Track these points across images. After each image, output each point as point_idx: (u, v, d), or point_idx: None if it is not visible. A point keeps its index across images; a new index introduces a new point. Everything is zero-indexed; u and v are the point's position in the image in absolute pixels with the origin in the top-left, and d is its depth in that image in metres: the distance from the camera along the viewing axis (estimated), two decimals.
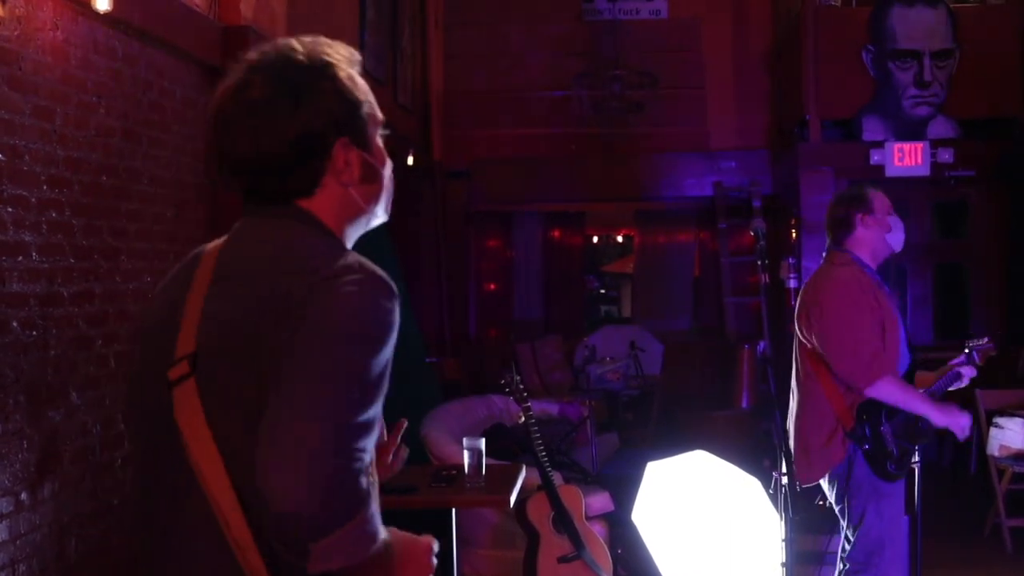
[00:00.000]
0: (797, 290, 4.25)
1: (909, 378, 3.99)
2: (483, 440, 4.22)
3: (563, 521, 4.87)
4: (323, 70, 1.69)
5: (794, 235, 9.82)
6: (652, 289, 12.19)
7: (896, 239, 4.11)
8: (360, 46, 8.07)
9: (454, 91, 11.11)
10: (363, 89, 1.75)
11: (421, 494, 4.12)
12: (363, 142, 1.73)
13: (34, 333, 3.78)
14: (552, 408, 7.13)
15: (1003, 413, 6.64)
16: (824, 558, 4.49)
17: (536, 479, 4.88)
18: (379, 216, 1.83)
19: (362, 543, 1.53)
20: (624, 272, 14.63)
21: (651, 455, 5.52)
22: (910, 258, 10.23)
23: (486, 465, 4.21)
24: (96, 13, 4.14)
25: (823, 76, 9.40)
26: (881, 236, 4.06)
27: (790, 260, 9.71)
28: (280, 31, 6.00)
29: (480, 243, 11.87)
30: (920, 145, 9.19)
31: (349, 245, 1.78)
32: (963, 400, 6.23)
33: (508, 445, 5.82)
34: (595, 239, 14.48)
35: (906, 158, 9.12)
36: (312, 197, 1.71)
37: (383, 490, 1.78)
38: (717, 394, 9.74)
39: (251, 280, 1.65)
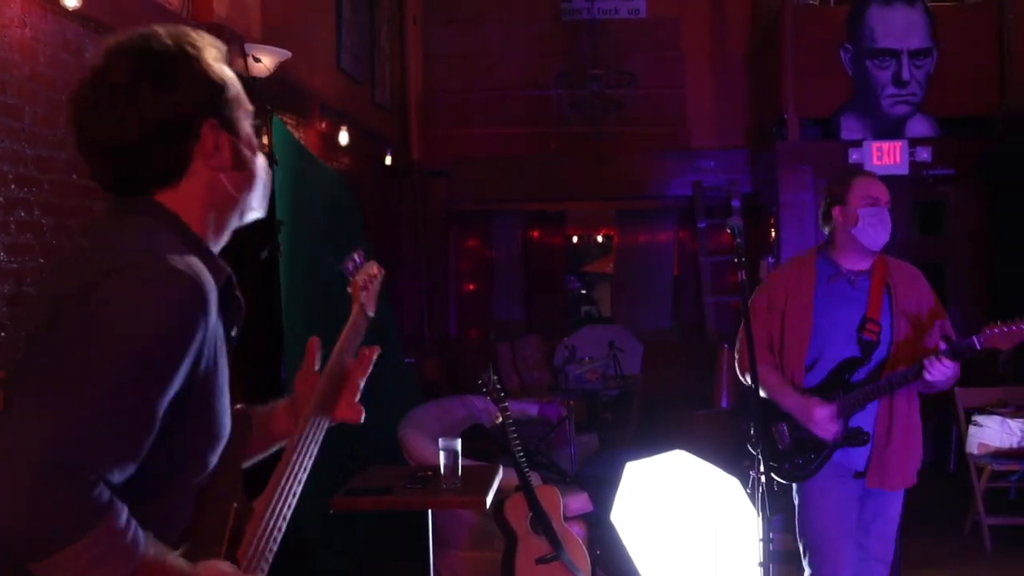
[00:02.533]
0: None
1: (843, 373, 3.75)
2: (459, 441, 4.20)
3: (541, 522, 4.84)
4: (186, 53, 1.63)
5: (773, 234, 9.82)
6: (632, 289, 12.18)
7: (865, 234, 3.75)
8: (337, 45, 8.01)
9: (433, 90, 11.09)
10: (229, 75, 1.69)
11: (397, 495, 4.10)
12: (231, 127, 1.67)
13: (2, 334, 3.72)
14: (531, 408, 7.10)
15: (982, 411, 6.65)
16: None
17: (514, 480, 4.85)
18: (254, 209, 1.74)
19: (107, 564, 1.35)
20: (604, 272, 14.62)
21: (630, 455, 5.49)
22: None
23: (463, 466, 4.19)
24: (65, 10, 4.09)
25: (801, 75, 9.43)
26: (847, 230, 3.77)
27: (769, 259, 9.80)
28: (255, 29, 5.94)
29: (460, 243, 11.84)
30: (899, 144, 9.22)
31: (225, 236, 1.71)
32: (944, 398, 6.25)
33: (486, 446, 5.78)
34: (575, 239, 14.47)
35: (885, 157, 9.15)
36: (178, 186, 1.62)
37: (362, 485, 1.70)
38: (697, 394, 9.73)
39: (58, 279, 1.55)
